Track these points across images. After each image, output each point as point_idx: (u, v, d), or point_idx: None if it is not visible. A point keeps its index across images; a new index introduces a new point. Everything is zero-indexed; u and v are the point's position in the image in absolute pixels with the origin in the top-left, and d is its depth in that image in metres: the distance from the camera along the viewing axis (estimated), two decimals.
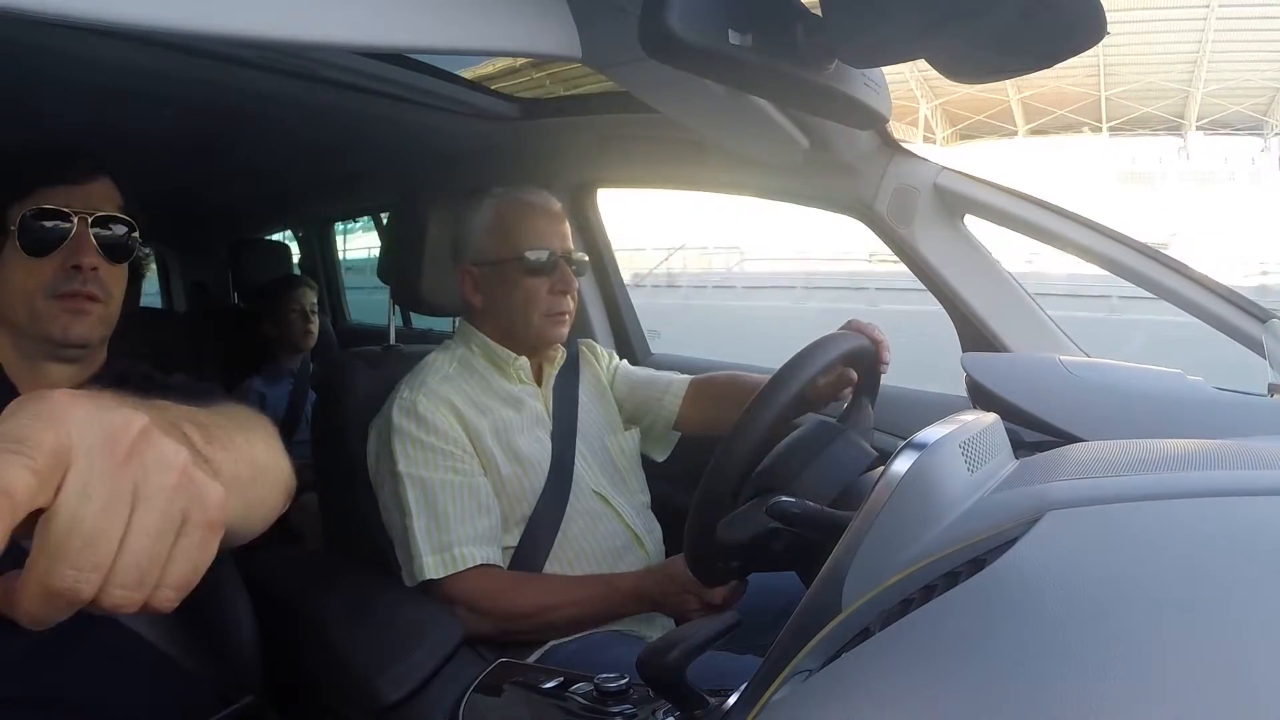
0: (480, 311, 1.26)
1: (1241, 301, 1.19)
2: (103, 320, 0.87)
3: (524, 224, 1.24)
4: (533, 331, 1.23)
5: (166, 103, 1.40)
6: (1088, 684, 0.28)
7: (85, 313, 0.84)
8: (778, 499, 0.76)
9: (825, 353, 0.92)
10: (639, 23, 0.59)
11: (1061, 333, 1.34)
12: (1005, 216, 1.32)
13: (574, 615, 1.12)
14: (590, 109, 1.55)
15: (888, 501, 0.51)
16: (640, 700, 0.69)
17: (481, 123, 1.61)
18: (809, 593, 0.52)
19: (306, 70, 1.30)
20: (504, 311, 1.24)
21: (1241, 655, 0.28)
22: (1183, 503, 0.44)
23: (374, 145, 1.85)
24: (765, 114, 1.10)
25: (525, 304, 1.22)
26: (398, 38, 0.56)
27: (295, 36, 0.51)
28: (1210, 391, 1.08)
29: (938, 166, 1.35)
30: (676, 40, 0.57)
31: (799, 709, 0.38)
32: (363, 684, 1.03)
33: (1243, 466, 0.49)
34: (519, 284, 1.22)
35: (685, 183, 1.79)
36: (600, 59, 0.87)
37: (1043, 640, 0.31)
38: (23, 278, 0.82)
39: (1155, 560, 0.37)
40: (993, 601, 0.36)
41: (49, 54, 1.11)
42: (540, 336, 1.24)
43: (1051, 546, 0.39)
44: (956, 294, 1.35)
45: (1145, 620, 0.31)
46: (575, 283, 1.25)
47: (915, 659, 0.34)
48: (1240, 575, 0.34)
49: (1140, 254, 1.25)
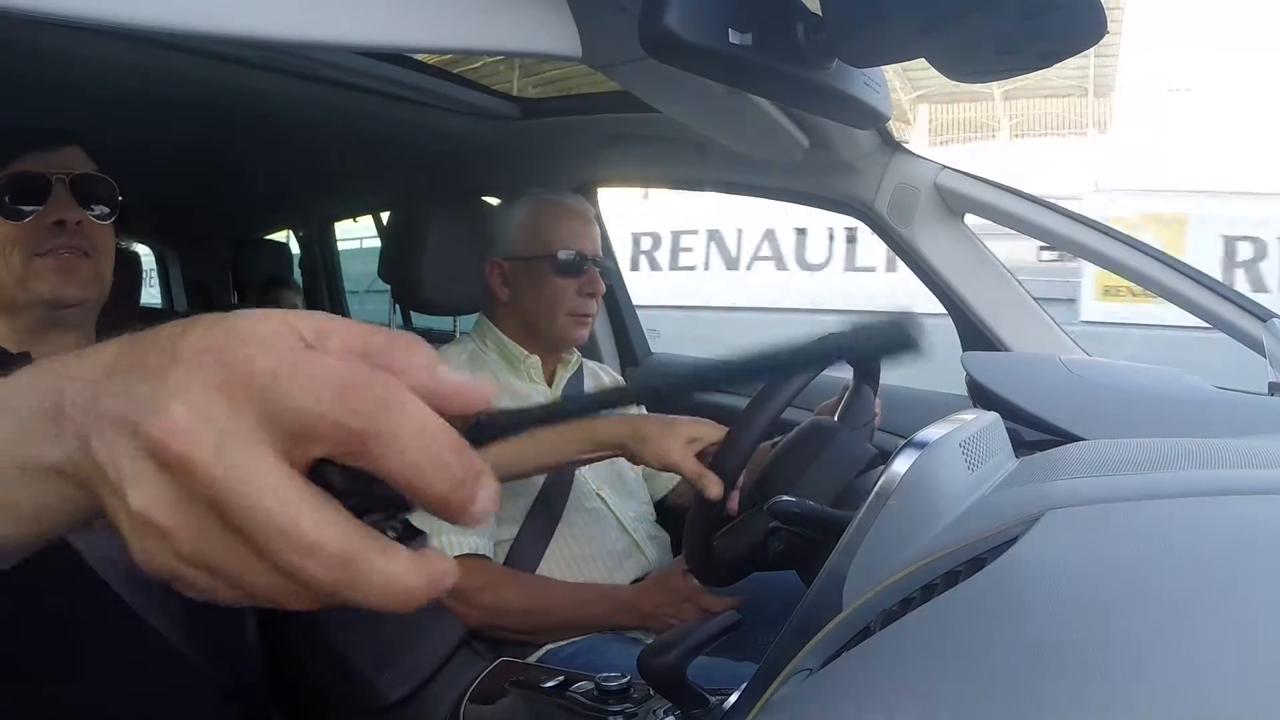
0: (504, 306, 1.29)
1: (1242, 301, 1.19)
2: (95, 278, 0.84)
3: (558, 224, 1.27)
4: (556, 330, 1.26)
5: (166, 103, 1.40)
6: (1088, 683, 0.28)
7: (75, 269, 0.82)
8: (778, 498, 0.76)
9: None
10: (639, 22, 0.59)
11: (1062, 332, 1.34)
12: (1006, 216, 1.32)
13: (566, 620, 1.12)
14: (590, 109, 1.55)
15: (888, 501, 0.52)
16: (640, 699, 0.69)
17: (481, 123, 1.61)
18: (809, 592, 0.52)
19: (306, 70, 1.30)
20: (529, 307, 1.26)
21: (1242, 655, 0.28)
22: (1183, 502, 0.44)
23: (374, 145, 1.85)
24: (765, 114, 1.10)
25: (552, 302, 1.25)
26: (397, 38, 0.56)
27: (295, 36, 0.51)
28: (1210, 391, 1.08)
29: (938, 166, 1.35)
30: (676, 40, 0.57)
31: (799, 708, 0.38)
32: (363, 684, 1.03)
33: (1243, 465, 0.49)
34: (548, 281, 1.25)
35: (685, 183, 1.79)
36: (600, 59, 0.87)
37: (1043, 639, 0.31)
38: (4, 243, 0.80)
39: (1156, 559, 0.37)
40: (993, 601, 0.36)
41: (49, 54, 1.11)
42: (562, 336, 1.27)
43: (1052, 546, 0.39)
44: (956, 293, 1.35)
45: (1146, 619, 0.31)
46: (602, 287, 1.27)
47: (915, 658, 0.34)
48: (1241, 574, 0.34)
49: (1141, 253, 1.25)
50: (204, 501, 0.24)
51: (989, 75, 0.71)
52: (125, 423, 0.25)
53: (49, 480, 0.28)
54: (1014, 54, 0.66)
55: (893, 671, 0.34)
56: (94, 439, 0.26)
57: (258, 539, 0.24)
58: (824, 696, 0.37)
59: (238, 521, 0.24)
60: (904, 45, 0.66)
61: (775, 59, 0.64)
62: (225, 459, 0.23)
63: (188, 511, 0.24)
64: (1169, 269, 1.23)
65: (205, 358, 0.24)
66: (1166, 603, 0.32)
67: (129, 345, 0.28)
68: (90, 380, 0.27)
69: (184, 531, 0.24)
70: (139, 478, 0.24)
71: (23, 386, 0.29)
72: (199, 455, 0.23)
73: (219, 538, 0.24)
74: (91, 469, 0.26)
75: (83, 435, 0.26)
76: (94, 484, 0.26)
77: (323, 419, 0.24)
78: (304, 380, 0.24)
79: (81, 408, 0.27)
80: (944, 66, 0.70)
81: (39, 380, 0.29)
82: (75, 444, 0.27)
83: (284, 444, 0.24)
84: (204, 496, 0.24)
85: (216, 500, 0.24)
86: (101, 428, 0.25)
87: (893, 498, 0.51)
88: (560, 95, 1.63)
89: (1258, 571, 0.34)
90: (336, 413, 0.24)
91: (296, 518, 0.23)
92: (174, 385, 0.24)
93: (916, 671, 0.33)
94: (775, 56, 0.64)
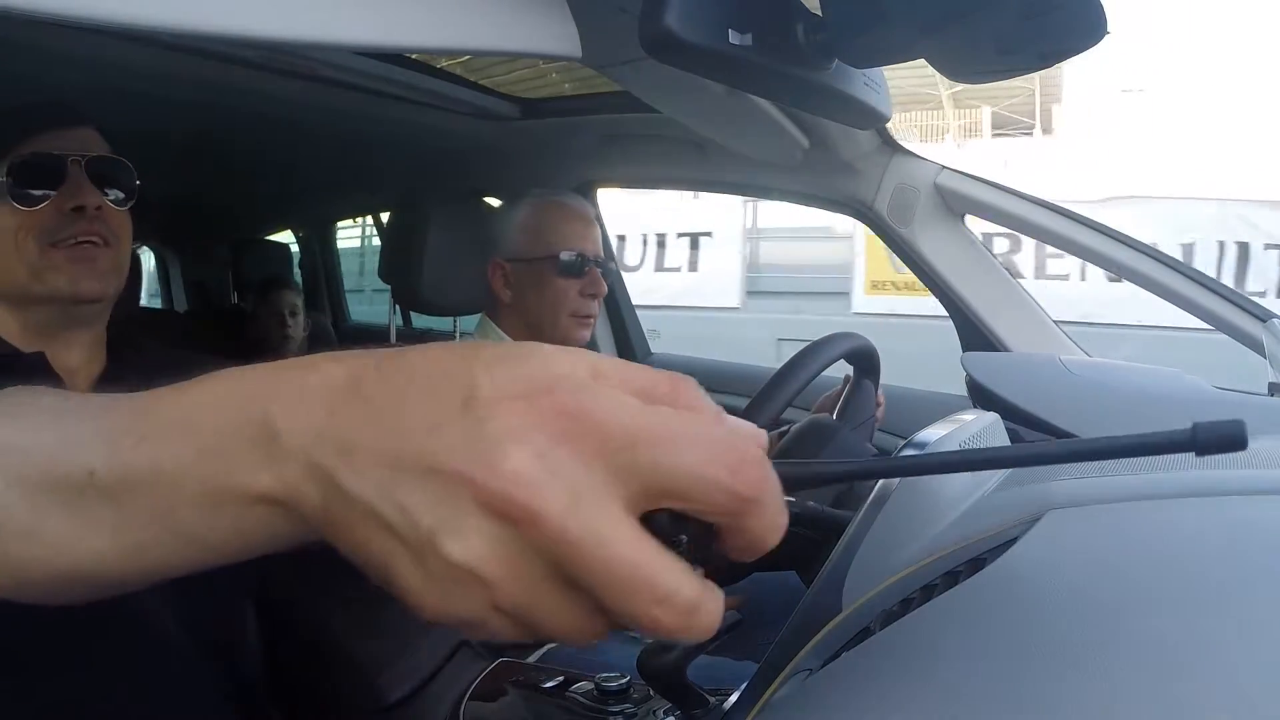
0: (507, 306, 1.29)
1: (1242, 301, 1.19)
2: (114, 269, 0.77)
3: (561, 226, 1.29)
4: (558, 330, 1.27)
5: (166, 103, 1.40)
6: (1089, 683, 0.28)
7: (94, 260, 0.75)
8: None
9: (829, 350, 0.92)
10: (639, 22, 0.58)
11: (1062, 332, 1.34)
12: (1006, 216, 1.32)
13: None
14: (590, 109, 1.55)
15: (888, 501, 0.52)
16: (641, 699, 0.69)
17: (481, 123, 1.61)
18: (809, 592, 0.52)
19: (306, 70, 1.30)
20: (532, 308, 1.27)
21: (1242, 655, 0.28)
22: (1183, 502, 0.44)
23: (374, 145, 1.85)
24: (765, 114, 1.10)
25: (554, 303, 1.26)
26: (397, 37, 0.56)
27: (295, 36, 0.51)
28: (1211, 391, 1.08)
29: (938, 166, 1.35)
30: (676, 40, 0.57)
31: (799, 708, 0.38)
32: (363, 684, 1.03)
33: (1243, 466, 0.49)
34: (550, 283, 1.26)
35: (685, 183, 1.79)
36: (600, 59, 0.87)
37: (1043, 639, 0.31)
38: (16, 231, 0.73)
39: (1156, 559, 0.37)
40: (993, 601, 0.36)
41: (49, 54, 1.11)
42: (565, 336, 1.28)
43: (1052, 546, 0.39)
44: (957, 294, 1.36)
45: (1146, 619, 0.31)
46: (604, 287, 1.28)
47: (916, 658, 0.34)
48: (1241, 574, 0.34)
49: (1142, 254, 1.25)
50: (544, 555, 0.23)
51: (989, 75, 0.71)
52: (437, 470, 0.23)
53: (250, 507, 0.26)
54: (1014, 54, 0.66)
55: (893, 672, 0.34)
56: (349, 475, 0.24)
57: (607, 593, 0.23)
58: (824, 696, 0.37)
59: (584, 576, 0.23)
60: (904, 45, 0.66)
61: (775, 59, 0.64)
62: (580, 515, 0.23)
63: (518, 564, 0.23)
64: (1169, 269, 1.23)
65: (538, 402, 0.23)
66: (1167, 603, 0.32)
67: (367, 367, 0.26)
68: (309, 404, 0.26)
69: (510, 584, 0.23)
70: (462, 528, 0.23)
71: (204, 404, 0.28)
72: (550, 510, 0.22)
73: (547, 588, 0.24)
74: (339, 505, 0.25)
75: (317, 465, 0.25)
76: (334, 520, 0.25)
77: (706, 482, 0.24)
78: (684, 443, 0.24)
79: (311, 436, 0.25)
80: (944, 67, 0.70)
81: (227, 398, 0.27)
82: (299, 472, 0.25)
83: (635, 498, 0.24)
84: (547, 551, 0.23)
85: (563, 556, 0.23)
86: (369, 466, 0.24)
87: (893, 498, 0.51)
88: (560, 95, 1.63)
89: (1258, 571, 0.34)
90: (726, 479, 0.24)
91: (654, 573, 0.23)
92: (507, 432, 0.23)
93: (917, 672, 0.33)
94: (775, 57, 0.64)
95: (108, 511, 0.28)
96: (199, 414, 0.28)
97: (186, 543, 0.28)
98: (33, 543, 0.29)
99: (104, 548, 0.29)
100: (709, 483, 0.24)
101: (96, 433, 0.29)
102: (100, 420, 0.30)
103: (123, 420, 0.29)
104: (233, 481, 0.26)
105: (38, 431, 0.31)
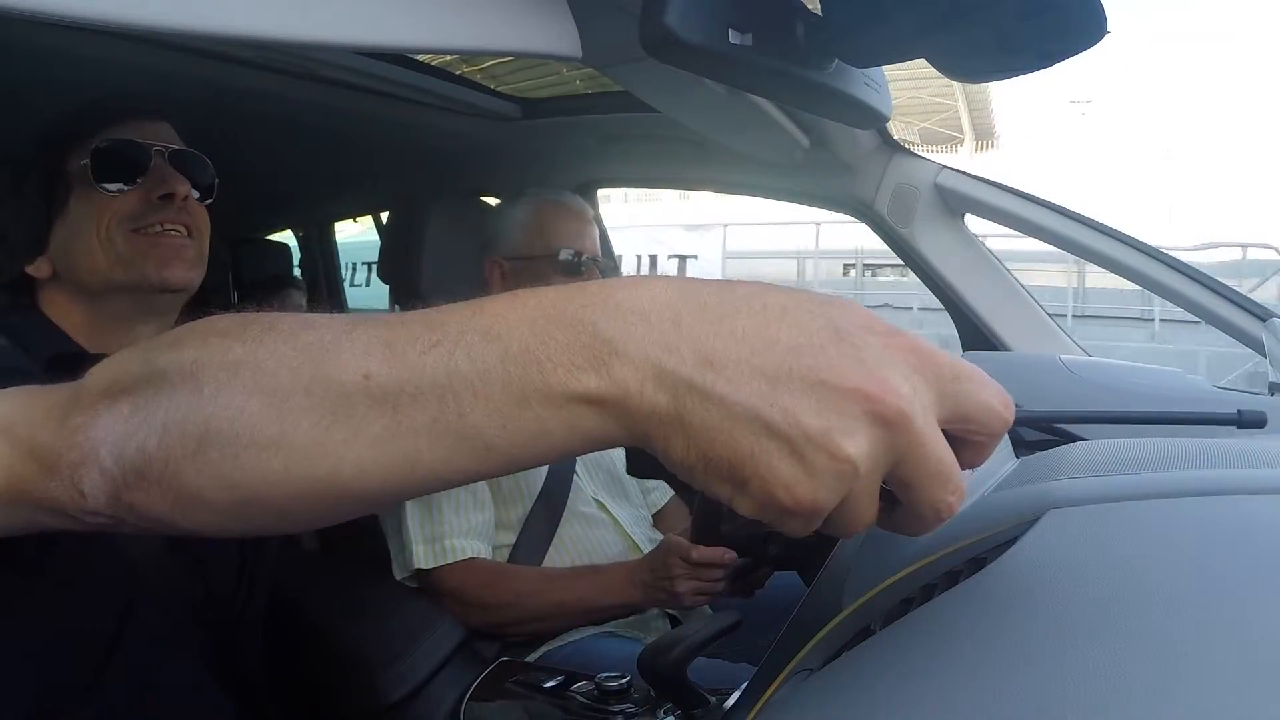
0: None
1: (1242, 301, 1.19)
2: (200, 260, 0.75)
3: (559, 224, 1.29)
4: None
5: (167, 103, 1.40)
6: (1089, 683, 0.28)
7: (182, 250, 0.72)
8: None
9: None
10: (639, 22, 0.58)
11: (1062, 332, 1.34)
12: (1006, 216, 1.32)
13: (561, 600, 1.11)
14: (591, 109, 1.55)
15: None
16: (641, 699, 0.69)
17: (481, 123, 1.61)
18: (809, 592, 0.52)
19: (306, 70, 1.30)
20: None
21: (1243, 654, 0.28)
22: (1184, 501, 0.44)
23: (374, 145, 1.85)
24: (765, 114, 1.10)
25: None
26: (397, 37, 0.56)
27: (295, 36, 0.51)
28: (1211, 390, 1.08)
29: (938, 166, 1.35)
30: (676, 40, 0.57)
31: (800, 707, 0.38)
32: (363, 683, 1.04)
33: (1244, 465, 0.49)
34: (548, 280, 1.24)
35: (685, 183, 1.79)
36: (600, 59, 0.87)
37: (1044, 639, 0.31)
38: (101, 216, 0.70)
39: (1157, 559, 0.37)
40: (993, 600, 0.36)
41: (49, 54, 1.11)
42: None
43: (1052, 545, 0.39)
44: (957, 293, 1.36)
45: (1147, 619, 0.31)
46: None
47: (916, 658, 0.34)
48: (1242, 573, 0.34)
49: (1143, 254, 1.25)
50: (895, 454, 0.29)
51: (989, 75, 0.72)
52: (829, 384, 0.28)
53: (560, 409, 0.28)
54: (1014, 54, 0.66)
55: (893, 670, 0.34)
56: (723, 384, 0.27)
57: (926, 483, 0.30)
58: (824, 696, 0.37)
59: (917, 469, 0.29)
60: (904, 45, 0.66)
61: (775, 59, 0.64)
62: (928, 425, 0.29)
63: (880, 459, 0.29)
64: (1169, 269, 1.23)
65: (893, 340, 0.29)
66: (1167, 602, 0.32)
67: (703, 291, 0.29)
68: (644, 318, 0.28)
69: (870, 476, 0.29)
70: (852, 429, 0.28)
71: (507, 316, 0.29)
72: (916, 420, 0.28)
73: (877, 479, 0.29)
74: (709, 409, 0.28)
75: (670, 373, 0.28)
76: (692, 421, 0.28)
77: (993, 413, 0.31)
78: (982, 381, 0.31)
79: (658, 347, 0.28)
80: (944, 67, 0.70)
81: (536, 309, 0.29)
82: (641, 376, 0.28)
83: (947, 416, 0.30)
84: (902, 449, 0.29)
85: (913, 454, 0.29)
86: (745, 378, 0.27)
87: None
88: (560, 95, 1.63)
89: (1259, 571, 0.34)
90: (1004, 413, 0.31)
91: (955, 469, 0.30)
92: (883, 360, 0.28)
93: (917, 671, 0.33)
94: (775, 56, 0.64)
95: (379, 418, 0.28)
96: (501, 324, 0.29)
97: (469, 449, 0.28)
98: (274, 454, 0.28)
99: (367, 457, 0.28)
100: (995, 413, 0.31)
101: (373, 340, 0.29)
102: (376, 330, 0.29)
103: (408, 330, 0.29)
104: (548, 382, 0.28)
105: (294, 337, 0.29)
